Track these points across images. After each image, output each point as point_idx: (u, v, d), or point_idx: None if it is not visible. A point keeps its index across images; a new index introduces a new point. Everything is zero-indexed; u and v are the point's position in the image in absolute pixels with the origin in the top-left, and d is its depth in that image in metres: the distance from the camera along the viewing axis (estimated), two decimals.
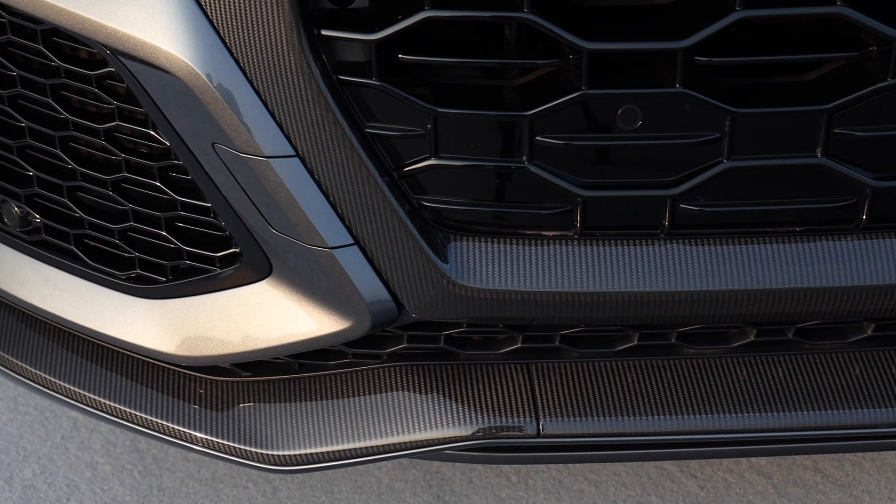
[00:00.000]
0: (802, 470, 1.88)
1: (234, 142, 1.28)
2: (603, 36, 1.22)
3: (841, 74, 1.25)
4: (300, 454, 1.47)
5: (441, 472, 1.90)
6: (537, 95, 1.26)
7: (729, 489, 1.86)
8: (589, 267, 1.33)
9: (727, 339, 1.49)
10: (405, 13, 1.21)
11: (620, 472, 1.89)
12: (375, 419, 1.46)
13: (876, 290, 1.32)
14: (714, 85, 1.26)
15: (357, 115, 1.27)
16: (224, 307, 1.43)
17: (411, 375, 1.48)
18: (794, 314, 1.36)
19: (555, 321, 1.38)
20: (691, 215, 1.32)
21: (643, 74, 1.26)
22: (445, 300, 1.35)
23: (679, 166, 1.29)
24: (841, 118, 1.26)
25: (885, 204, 1.31)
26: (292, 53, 1.22)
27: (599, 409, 1.45)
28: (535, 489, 1.87)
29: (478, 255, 1.33)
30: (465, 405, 1.46)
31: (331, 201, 1.31)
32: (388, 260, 1.33)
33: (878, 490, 1.85)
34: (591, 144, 1.29)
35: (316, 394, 1.50)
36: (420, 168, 1.30)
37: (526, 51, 1.26)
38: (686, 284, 1.33)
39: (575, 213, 1.32)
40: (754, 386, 1.47)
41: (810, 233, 1.33)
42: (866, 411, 1.45)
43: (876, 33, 1.20)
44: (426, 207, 1.33)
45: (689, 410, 1.46)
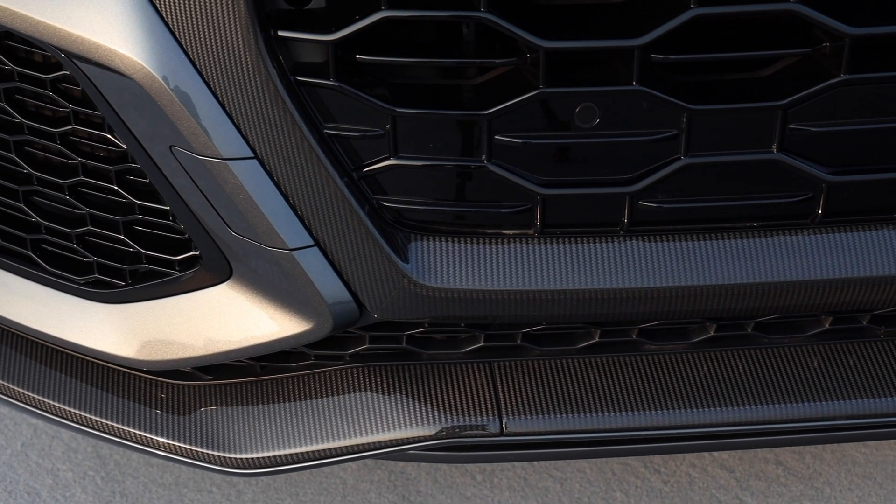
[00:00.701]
0: (764, 463, 1.90)
1: (192, 144, 1.27)
2: (560, 35, 1.23)
3: (795, 70, 1.27)
4: (264, 457, 1.47)
5: (406, 473, 1.90)
6: (495, 94, 1.26)
7: (692, 483, 1.87)
8: (549, 265, 1.33)
9: (687, 334, 1.50)
10: (362, 13, 1.21)
11: (585, 469, 1.90)
12: (339, 420, 1.46)
13: (832, 283, 1.34)
14: (670, 82, 1.26)
15: (315, 115, 1.27)
16: (184, 310, 1.42)
17: (374, 376, 1.48)
18: (753, 309, 1.37)
19: (516, 319, 1.39)
20: (650, 212, 1.33)
21: (600, 72, 1.27)
22: (407, 300, 1.35)
23: (637, 164, 1.30)
24: (796, 114, 1.27)
25: (841, 198, 1.33)
26: (249, 55, 1.21)
27: (562, 407, 1.46)
28: (501, 487, 1.87)
29: (438, 254, 1.33)
30: (429, 405, 1.46)
31: (290, 203, 1.30)
32: (349, 261, 1.33)
33: (839, 481, 1.87)
34: (549, 143, 1.30)
35: (278, 396, 1.49)
36: (379, 168, 1.30)
37: (484, 50, 1.26)
38: (646, 281, 1.34)
39: (535, 212, 1.33)
40: (715, 381, 1.48)
41: (767, 228, 1.34)
42: (825, 404, 1.47)
43: (828, 29, 1.21)
44: (386, 208, 1.33)
45: (650, 406, 1.47)
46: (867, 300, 1.36)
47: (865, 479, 1.87)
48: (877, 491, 1.85)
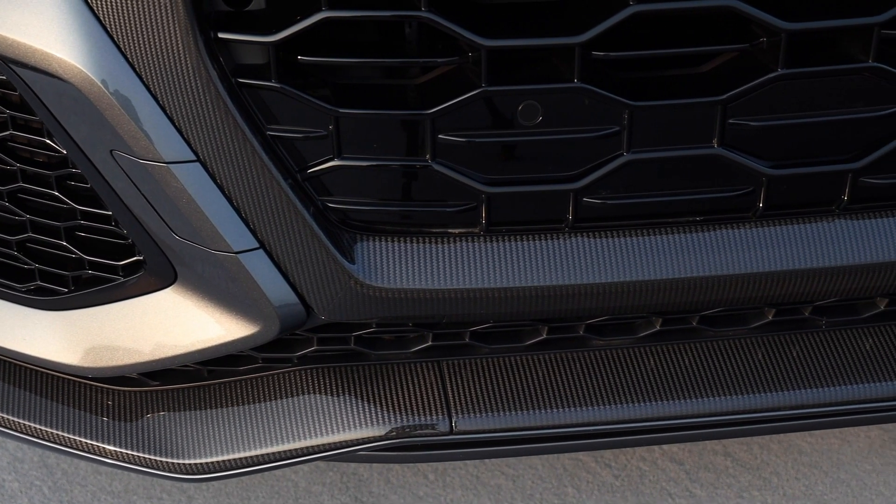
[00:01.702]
0: (713, 455, 1.92)
1: (133, 148, 1.26)
2: (501, 33, 1.23)
3: (734, 66, 1.28)
4: (213, 462, 1.46)
5: (358, 474, 1.90)
6: (438, 93, 1.26)
7: (643, 477, 1.89)
8: (495, 263, 1.34)
9: (634, 329, 1.51)
10: (302, 14, 1.21)
11: (537, 466, 1.91)
12: (288, 423, 1.46)
13: (774, 276, 1.35)
14: (612, 79, 1.27)
15: (258, 117, 1.26)
16: (129, 316, 1.41)
17: (323, 378, 1.48)
18: (698, 303, 1.39)
19: (464, 318, 1.39)
20: (594, 208, 1.34)
21: (542, 70, 1.27)
22: (354, 301, 1.34)
23: (580, 160, 1.31)
24: (735, 108, 1.28)
25: (781, 192, 1.34)
26: (189, 57, 1.20)
27: (512, 404, 1.46)
28: (453, 486, 1.88)
29: (385, 254, 1.33)
30: (378, 405, 1.46)
31: (234, 205, 1.29)
32: (295, 263, 1.33)
33: (786, 471, 1.89)
34: (493, 141, 1.30)
35: (227, 400, 1.48)
36: (324, 169, 1.30)
37: (426, 49, 1.26)
38: (591, 277, 1.34)
39: (480, 210, 1.33)
40: (662, 374, 1.50)
41: (710, 222, 1.36)
42: (770, 395, 1.49)
43: (765, 25, 1.23)
44: (331, 209, 1.33)
45: (599, 401, 1.48)
46: (808, 291, 1.38)
47: (812, 468, 1.89)
48: (823, 479, 1.87)
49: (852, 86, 1.29)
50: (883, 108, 1.30)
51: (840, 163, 1.32)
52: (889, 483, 1.86)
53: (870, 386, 1.49)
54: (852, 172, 1.33)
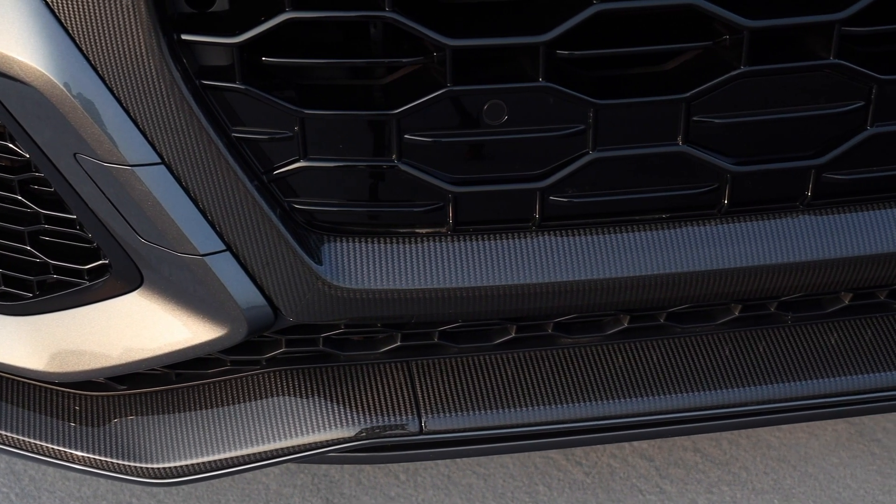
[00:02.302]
0: (683, 451, 1.93)
1: (97, 151, 1.25)
2: (466, 33, 1.23)
3: (697, 64, 1.29)
4: (182, 465, 1.45)
5: (330, 475, 1.89)
6: (404, 93, 1.27)
7: (613, 474, 1.89)
8: (463, 262, 1.34)
9: (602, 326, 1.52)
10: (266, 15, 1.20)
11: (508, 464, 1.91)
12: (257, 425, 1.45)
13: (740, 272, 1.36)
14: (577, 78, 1.28)
15: (222, 119, 1.25)
16: (95, 320, 1.40)
17: (292, 379, 1.47)
18: (665, 299, 1.40)
19: (433, 318, 1.39)
20: (561, 207, 1.34)
21: (507, 69, 1.27)
22: (322, 302, 1.34)
23: (546, 159, 1.31)
24: (699, 106, 1.29)
25: (745, 188, 1.35)
26: (152, 59, 1.20)
27: (481, 403, 1.47)
28: (425, 486, 1.88)
29: (352, 255, 1.33)
30: (348, 406, 1.45)
31: (200, 208, 1.29)
32: (262, 264, 1.32)
33: (755, 466, 1.90)
34: (459, 140, 1.30)
35: (195, 403, 1.48)
36: (290, 171, 1.29)
37: (391, 49, 1.26)
38: (559, 275, 1.35)
39: (447, 210, 1.33)
40: (631, 371, 1.50)
41: (676, 219, 1.36)
42: (737, 390, 1.50)
43: (727, 22, 1.24)
44: (298, 210, 1.32)
45: (568, 399, 1.48)
46: (774, 287, 1.39)
47: (780, 462, 1.91)
48: (791, 473, 1.89)
49: (815, 82, 1.30)
50: (845, 105, 1.31)
51: (803, 159, 1.34)
52: (856, 476, 1.88)
53: (836, 380, 1.51)
54: (815, 168, 1.34)
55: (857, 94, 1.31)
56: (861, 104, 1.31)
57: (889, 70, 1.29)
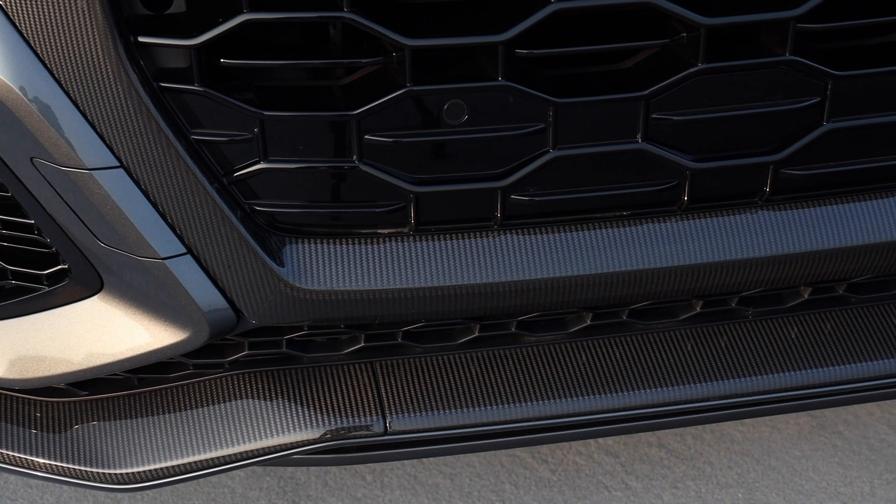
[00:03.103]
0: (648, 447, 1.94)
1: (54, 155, 1.24)
2: (425, 32, 1.23)
3: (656, 61, 1.30)
4: (146, 471, 1.44)
5: (296, 478, 1.89)
6: (364, 94, 1.26)
7: (579, 471, 1.90)
8: (426, 262, 1.34)
9: (565, 324, 1.52)
10: (224, 16, 1.20)
11: (474, 463, 1.92)
12: (221, 429, 1.44)
13: (701, 268, 1.37)
14: (536, 76, 1.28)
15: (181, 122, 1.25)
16: (55, 326, 1.39)
17: (255, 382, 1.47)
18: (627, 296, 1.40)
19: (396, 318, 1.39)
20: (522, 205, 1.34)
21: (467, 69, 1.28)
22: (284, 304, 1.34)
23: (507, 158, 1.32)
24: (658, 103, 1.30)
25: (705, 184, 1.36)
26: (109, 62, 1.19)
27: (446, 403, 1.47)
28: (391, 486, 1.88)
29: (314, 256, 1.33)
30: (312, 408, 1.45)
31: (160, 211, 1.28)
32: (224, 267, 1.32)
33: (719, 460, 1.92)
34: (420, 140, 1.30)
35: (158, 408, 1.47)
36: (250, 172, 1.29)
37: (350, 50, 1.26)
38: (521, 274, 1.35)
39: (408, 210, 1.33)
40: (593, 369, 1.51)
41: (637, 216, 1.37)
42: (700, 385, 1.51)
43: (684, 20, 1.24)
44: (259, 212, 1.32)
45: (533, 397, 1.49)
46: (735, 282, 1.40)
47: (744, 456, 1.92)
48: (754, 467, 1.90)
49: (771, 79, 1.31)
50: (801, 101, 1.32)
51: (761, 155, 1.35)
52: (818, 468, 1.90)
53: (797, 374, 1.52)
54: (773, 164, 1.35)
55: (812, 90, 1.32)
56: (817, 100, 1.32)
57: (844, 66, 1.30)
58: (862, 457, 1.91)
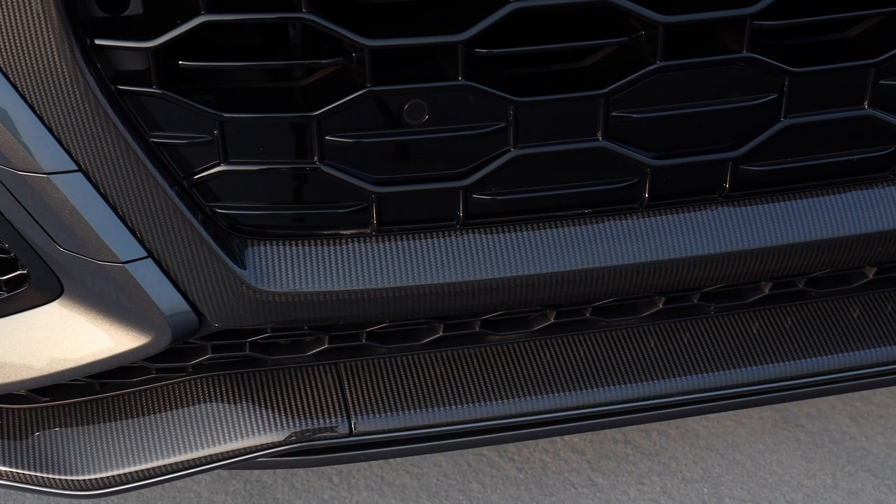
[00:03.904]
0: (613, 443, 1.95)
1: (11, 160, 1.23)
2: (384, 33, 1.23)
3: (615, 60, 1.30)
4: (109, 476, 1.43)
5: (262, 481, 1.88)
6: (324, 95, 1.26)
7: (546, 469, 1.91)
8: (388, 263, 1.34)
9: (529, 322, 1.53)
10: (181, 18, 1.19)
11: (441, 463, 1.92)
12: (185, 432, 1.43)
13: (663, 265, 1.38)
14: (496, 76, 1.28)
15: (140, 124, 1.24)
16: (14, 332, 1.37)
17: (219, 385, 1.46)
18: (590, 294, 1.41)
19: (360, 319, 1.39)
20: (484, 205, 1.35)
21: (427, 69, 1.28)
22: (247, 307, 1.33)
23: (469, 157, 1.32)
24: (617, 101, 1.31)
25: (665, 182, 1.37)
26: (65, 65, 1.18)
27: (410, 403, 1.47)
28: (358, 488, 1.87)
29: (277, 258, 1.32)
30: (276, 410, 1.45)
31: (120, 215, 1.27)
32: (185, 270, 1.31)
33: (684, 455, 1.93)
34: (381, 141, 1.30)
35: (121, 413, 1.46)
36: (210, 175, 1.28)
37: (310, 51, 1.25)
38: (484, 273, 1.35)
39: (371, 211, 1.33)
40: (558, 366, 1.51)
41: (599, 214, 1.38)
42: (664, 381, 1.52)
43: (642, 18, 1.25)
44: (220, 214, 1.31)
45: (498, 396, 1.49)
46: (696, 279, 1.41)
47: (708, 451, 1.94)
48: (719, 462, 1.92)
49: (729, 76, 1.32)
50: (759, 97, 1.33)
51: (720, 152, 1.36)
52: (782, 462, 1.91)
53: (759, 368, 1.53)
54: (732, 161, 1.36)
55: (770, 86, 1.33)
56: (774, 96, 1.33)
57: (800, 62, 1.32)
58: (824, 449, 1.93)
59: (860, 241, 1.41)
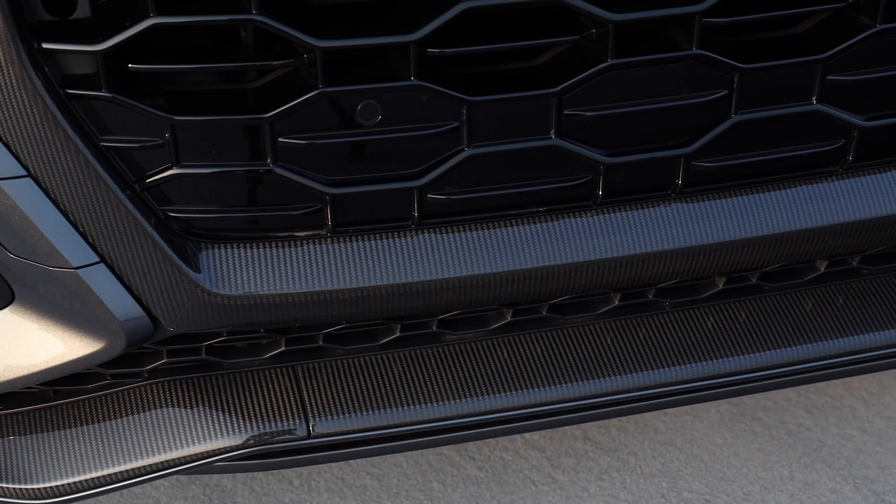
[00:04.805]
0: (573, 440, 1.96)
1: None
2: (336, 33, 1.23)
3: (566, 58, 1.31)
4: (65, 484, 1.42)
5: (221, 485, 1.87)
6: (276, 96, 1.26)
7: (506, 467, 1.91)
8: (344, 264, 1.33)
9: (486, 321, 1.53)
10: (130, 21, 1.18)
11: (402, 463, 1.92)
12: (141, 438, 1.42)
13: (617, 261, 1.39)
14: (449, 75, 1.29)
15: (90, 128, 1.23)
16: None
17: (175, 390, 1.45)
18: (546, 292, 1.41)
19: (316, 321, 1.38)
20: (439, 204, 1.35)
21: (380, 69, 1.28)
22: (202, 310, 1.32)
23: (422, 157, 1.32)
24: (570, 100, 1.31)
25: (619, 179, 1.38)
26: (12, 70, 1.16)
27: (369, 404, 1.47)
28: (319, 490, 1.87)
29: (231, 261, 1.32)
30: (234, 414, 1.44)
31: (71, 220, 1.26)
32: (139, 275, 1.30)
33: (643, 450, 1.94)
34: (334, 142, 1.30)
35: (75, 420, 1.44)
36: (163, 178, 1.27)
37: (262, 52, 1.25)
38: (441, 273, 1.36)
39: (325, 212, 1.32)
40: (516, 364, 1.52)
41: (553, 212, 1.38)
42: (622, 377, 1.52)
43: (593, 17, 1.26)
44: (173, 218, 1.30)
45: (457, 395, 1.49)
46: (650, 275, 1.42)
47: (667, 446, 1.95)
48: (678, 456, 1.93)
49: (680, 73, 1.33)
50: (709, 94, 1.35)
51: (672, 148, 1.37)
52: (739, 455, 1.93)
53: (714, 363, 1.55)
54: (684, 157, 1.37)
55: (720, 83, 1.34)
56: (724, 93, 1.34)
57: (750, 59, 1.33)
58: (781, 441, 1.95)
59: (811, 235, 1.43)
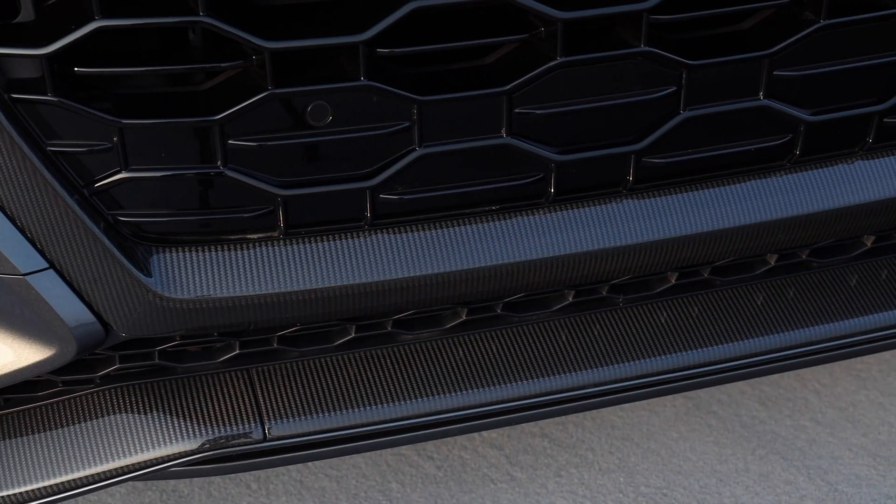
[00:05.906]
0: (531, 437, 1.96)
1: None
2: (284, 34, 1.23)
3: (516, 57, 1.31)
4: (17, 493, 1.40)
5: (178, 490, 1.86)
6: (226, 98, 1.25)
7: (465, 466, 1.91)
8: (296, 265, 1.33)
9: (441, 320, 1.53)
10: (76, 24, 1.17)
11: (360, 464, 1.91)
12: (95, 445, 1.41)
13: (570, 258, 1.40)
14: (399, 75, 1.28)
15: (36, 133, 1.21)
16: None
17: (129, 396, 1.44)
18: (501, 290, 1.42)
19: (270, 323, 1.38)
20: (391, 204, 1.34)
21: (330, 70, 1.27)
22: (154, 315, 1.31)
23: (374, 158, 1.32)
24: (520, 98, 1.32)
25: (570, 176, 1.38)
26: None
27: (325, 405, 1.46)
28: (277, 493, 1.86)
29: (183, 265, 1.31)
30: (188, 418, 1.43)
31: (19, 226, 1.24)
32: (89, 281, 1.29)
33: (600, 446, 1.95)
34: (285, 143, 1.29)
35: (27, 428, 1.42)
36: (111, 182, 1.26)
37: (210, 54, 1.24)
38: (394, 272, 1.35)
39: (277, 214, 1.32)
40: (472, 363, 1.52)
41: (506, 210, 1.39)
42: (576, 374, 1.53)
43: (541, 15, 1.26)
44: (123, 222, 1.29)
45: (412, 395, 1.49)
46: (604, 271, 1.42)
47: (624, 441, 1.96)
48: (635, 451, 1.94)
49: (629, 70, 1.34)
50: (658, 90, 1.35)
51: (623, 145, 1.38)
52: (695, 448, 1.95)
53: (667, 358, 1.56)
54: (635, 153, 1.38)
55: (669, 79, 1.35)
56: (673, 89, 1.35)
57: (697, 55, 1.34)
58: (735, 434, 1.97)
59: (761, 229, 1.44)
